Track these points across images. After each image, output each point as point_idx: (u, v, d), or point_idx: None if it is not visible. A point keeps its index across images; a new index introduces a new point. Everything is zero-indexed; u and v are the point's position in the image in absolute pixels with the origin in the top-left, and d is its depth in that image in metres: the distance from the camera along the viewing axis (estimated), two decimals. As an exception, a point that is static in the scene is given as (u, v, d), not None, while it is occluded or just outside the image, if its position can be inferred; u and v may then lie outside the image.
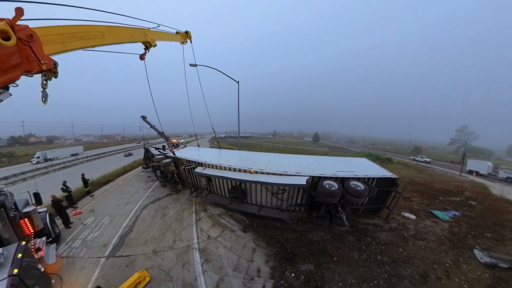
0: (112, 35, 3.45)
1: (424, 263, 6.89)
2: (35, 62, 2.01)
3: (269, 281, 6.07)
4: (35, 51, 2.02)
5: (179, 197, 12.61)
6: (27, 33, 1.91)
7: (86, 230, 8.86)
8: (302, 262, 6.88)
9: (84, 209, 11.19)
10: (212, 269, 6.49)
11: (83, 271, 6.36)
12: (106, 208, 11.23)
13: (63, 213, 9.16)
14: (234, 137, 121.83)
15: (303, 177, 8.69)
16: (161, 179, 14.72)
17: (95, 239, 8.15)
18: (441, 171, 28.09)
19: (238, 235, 8.42)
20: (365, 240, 8.08)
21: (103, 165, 29.68)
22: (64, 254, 7.19)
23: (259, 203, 10.39)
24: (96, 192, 13.99)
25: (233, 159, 11.87)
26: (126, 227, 9.10)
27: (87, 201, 12.47)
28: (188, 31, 8.17)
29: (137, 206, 11.44)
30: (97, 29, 3.10)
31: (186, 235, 8.46)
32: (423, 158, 40.53)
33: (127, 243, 7.93)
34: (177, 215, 10.22)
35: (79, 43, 2.68)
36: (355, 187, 8.00)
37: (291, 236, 8.23)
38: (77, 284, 5.88)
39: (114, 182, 16.93)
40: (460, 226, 9.36)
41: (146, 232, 8.70)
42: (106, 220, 9.82)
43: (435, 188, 15.49)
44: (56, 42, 2.32)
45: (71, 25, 2.69)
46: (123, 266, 6.55)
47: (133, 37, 4.22)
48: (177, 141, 29.00)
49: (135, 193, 13.80)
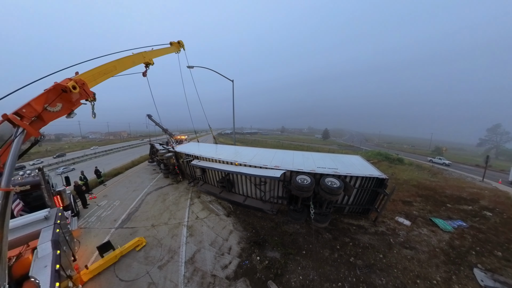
0: (121, 66, 5.40)
1: (406, 275, 6.49)
2: (85, 95, 3.98)
3: (236, 259, 7.29)
4: (86, 90, 3.93)
5: (179, 186, 15.02)
6: (81, 82, 3.79)
7: (100, 210, 11.21)
8: (271, 249, 7.80)
9: (99, 194, 13.73)
10: (193, 241, 8.33)
11: (97, 237, 8.53)
12: (117, 194, 13.74)
13: (82, 196, 11.62)
14: (240, 133, 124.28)
15: (280, 171, 9.65)
16: (164, 171, 17.44)
17: (107, 216, 10.47)
18: (460, 176, 25.11)
19: (221, 219, 10.23)
20: (342, 239, 8.22)
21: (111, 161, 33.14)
22: (82, 226, 9.49)
23: (245, 194, 12.22)
24: (108, 182, 16.74)
25: (225, 153, 13.83)
26: (133, 208, 11.43)
27: (100, 188, 15.17)
28: (180, 41, 9.70)
29: (142, 192, 13.96)
30: (111, 64, 5.04)
31: (179, 215, 10.58)
32: (441, 160, 37.87)
33: (133, 219, 10.20)
34: (175, 200, 12.52)
35: (103, 77, 4.60)
36: (330, 184, 8.30)
37: (268, 225, 9.42)
38: (91, 246, 7.88)
39: (123, 174, 19.84)
40: (463, 239, 8.56)
41: (148, 211, 10.96)
42: (117, 203, 12.19)
43: (445, 193, 14.58)
44: (91, 80, 4.20)
45: (97, 67, 4.61)
46: (127, 235, 8.76)
47: (135, 62, 6.17)
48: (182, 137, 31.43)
49: (142, 182, 16.42)
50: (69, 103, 3.64)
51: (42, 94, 3.28)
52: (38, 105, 3.17)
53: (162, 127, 25.18)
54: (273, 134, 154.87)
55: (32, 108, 3.09)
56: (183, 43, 10.03)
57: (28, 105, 3.06)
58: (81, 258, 7.20)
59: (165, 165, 17.35)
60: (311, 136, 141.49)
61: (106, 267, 6.80)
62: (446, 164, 36.19)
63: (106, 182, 16.59)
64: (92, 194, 13.46)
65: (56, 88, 3.45)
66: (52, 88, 3.39)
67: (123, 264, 7.01)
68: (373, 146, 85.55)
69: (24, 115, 3.02)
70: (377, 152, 41.28)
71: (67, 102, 3.62)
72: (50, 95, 3.39)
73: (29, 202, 7.51)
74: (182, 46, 10.02)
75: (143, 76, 7.63)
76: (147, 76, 7.64)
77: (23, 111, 3.01)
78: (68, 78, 3.72)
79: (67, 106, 3.63)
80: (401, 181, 18.55)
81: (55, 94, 3.44)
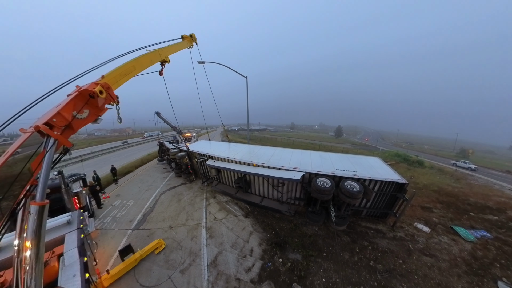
0: (140, 65, 5.34)
1: (426, 282, 6.58)
2: (110, 99, 3.92)
3: (258, 261, 7.44)
4: (111, 94, 3.86)
5: (192, 186, 15.31)
6: (106, 86, 3.75)
7: (115, 210, 11.50)
8: (292, 250, 7.97)
9: (111, 194, 14.06)
10: (214, 243, 8.52)
11: (114, 239, 8.81)
12: (129, 193, 14.03)
13: (97, 196, 11.89)
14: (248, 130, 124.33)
15: (299, 173, 9.89)
16: (176, 170, 17.80)
17: (122, 217, 10.73)
18: (486, 182, 24.15)
19: (239, 220, 10.39)
20: (360, 243, 8.37)
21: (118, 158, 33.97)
22: (98, 227, 9.79)
23: (261, 194, 12.31)
24: (119, 181, 17.15)
25: (240, 153, 13.92)
26: (147, 208, 11.68)
27: (113, 187, 15.53)
28: (192, 34, 9.29)
29: (156, 192, 14.22)
30: (130, 64, 4.99)
31: (196, 215, 10.79)
32: (466, 164, 35.69)
33: (149, 220, 10.38)
34: (190, 200, 12.77)
35: (124, 79, 4.55)
36: (350, 188, 8.44)
37: (286, 226, 9.59)
38: (109, 248, 8.14)
39: (134, 172, 20.23)
40: (487, 250, 8.46)
41: (164, 212, 11.18)
42: (131, 202, 12.48)
43: (469, 201, 14.35)
44: (114, 83, 4.16)
45: (117, 68, 4.59)
46: (145, 236, 8.97)
47: (152, 61, 6.11)
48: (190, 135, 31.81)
49: (154, 181, 16.76)
50: (96, 108, 3.60)
51: (70, 101, 3.23)
52: (67, 113, 3.12)
53: (171, 124, 25.47)
54: (282, 131, 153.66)
55: (62, 117, 3.05)
56: (195, 37, 9.75)
57: (58, 114, 3.02)
58: (100, 261, 7.38)
59: (177, 164, 17.65)
60: (323, 134, 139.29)
61: (127, 271, 6.96)
62: (471, 169, 34.38)
63: (118, 181, 17.05)
64: (105, 194, 13.85)
65: (83, 94, 3.40)
66: (78, 94, 3.36)
67: (143, 268, 7.16)
68: (390, 145, 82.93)
69: (54, 125, 2.98)
70: (395, 152, 39.81)
71: (94, 108, 3.58)
72: (78, 102, 3.35)
73: (49, 205, 7.76)
74: (194, 40, 9.78)
75: (160, 75, 7.57)
76: (163, 75, 7.58)
77: (53, 121, 2.97)
78: (94, 82, 3.67)
79: (94, 112, 3.59)
80: (420, 185, 18.03)
81: (83, 101, 3.40)
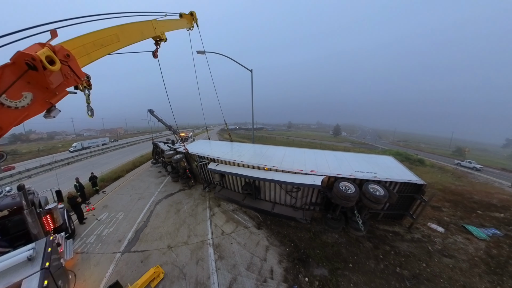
0: (126, 37, 3.82)
1: (452, 285, 6.57)
2: (73, 79, 2.40)
3: (282, 285, 6.38)
4: (73, 69, 2.33)
5: (192, 192, 13.66)
6: (64, 53, 2.19)
7: (100, 226, 9.81)
8: (316, 265, 7.18)
9: (97, 205, 12.28)
10: (225, 267, 7.06)
11: (98, 267, 7.09)
12: (119, 204, 12.29)
13: (78, 209, 10.18)
14: (245, 129, 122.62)
15: (318, 177, 8.89)
16: (173, 175, 16.00)
17: (110, 235, 9.04)
18: (486, 180, 25.78)
19: (252, 232, 9.06)
20: (383, 248, 8.11)
21: (109, 159, 31.81)
22: (79, 250, 8.00)
23: (272, 200, 10.91)
24: (107, 188, 15.28)
25: (246, 154, 12.41)
26: (140, 222, 10.03)
27: (99, 197, 13.67)
28: (192, 12, 7.97)
29: (150, 201, 12.52)
30: (111, 31, 3.46)
31: (200, 230, 9.26)
32: (471, 164, 35.24)
33: (142, 238, 8.76)
34: (191, 210, 11.17)
35: (101, 52, 3.02)
36: (373, 192, 8.00)
37: (305, 236, 8.67)
38: (91, 281, 6.46)
39: (124, 177, 18.33)
40: (500, 248, 8.63)
41: (160, 227, 9.58)
42: (120, 215, 10.82)
43: (474, 199, 14.63)
44: (83, 55, 2.64)
45: (89, 33, 3.05)
46: (137, 262, 7.33)
47: (144, 34, 4.59)
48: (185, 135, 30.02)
49: (147, 188, 15.02)
50: (44, 90, 2.08)
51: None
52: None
53: (165, 123, 23.81)
54: (280, 130, 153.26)
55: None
56: (196, 16, 8.26)
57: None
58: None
59: (173, 167, 15.91)
60: (321, 132, 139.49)
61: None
62: (476, 169, 34.28)
63: (105, 188, 15.23)
64: (90, 205, 12.07)
65: (17, 61, 1.89)
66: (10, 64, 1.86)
67: (135, 310, 5.60)
68: (388, 144, 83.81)
69: None
70: (395, 151, 40.52)
71: (40, 90, 2.05)
72: (6, 76, 1.84)
73: (8, 231, 6.09)
74: (195, 20, 8.29)
75: (154, 57, 6.08)
76: (158, 57, 6.08)
77: None
78: (39, 43, 2.13)
79: (41, 96, 2.07)
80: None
81: (16, 73, 1.88)
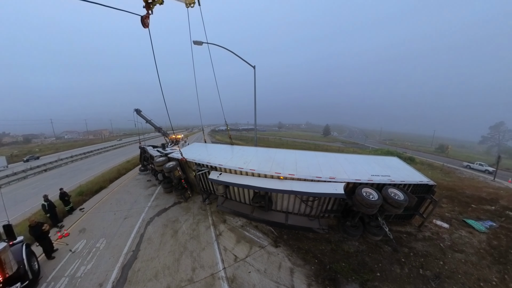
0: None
1: (469, 279, 6.80)
2: None
3: None
4: None
5: (190, 206, 11.84)
6: None
7: (75, 261, 7.66)
8: (346, 281, 6.68)
9: (73, 228, 10.07)
10: None
11: None
12: (100, 226, 10.11)
13: (45, 240, 7.84)
14: (236, 130, 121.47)
15: (339, 184, 8.47)
16: (165, 185, 14.01)
17: (87, 275, 6.92)
18: (471, 175, 27.88)
19: (269, 252, 7.94)
20: (402, 250, 8.09)
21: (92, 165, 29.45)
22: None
23: (285, 210, 10.23)
24: (87, 204, 13.02)
25: (253, 160, 11.34)
26: (128, 253, 7.97)
27: (75, 217, 11.27)
28: None
29: (139, 220, 10.48)
30: None
31: (207, 258, 7.62)
32: (483, 166, 33.32)
33: (131, 278, 6.76)
34: (192, 230, 9.46)
35: None
36: (394, 196, 7.88)
37: (326, 248, 8.13)
38: None
39: (108, 189, 16.03)
40: (499, 239, 9.20)
41: (155, 258, 7.65)
42: (102, 243, 8.69)
43: (466, 194, 15.44)
44: None
45: None
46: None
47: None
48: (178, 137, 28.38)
49: (135, 202, 12.87)
50: None
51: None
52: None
53: (154, 125, 22.52)
54: (271, 130, 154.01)
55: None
56: None
57: None
58: None
59: (164, 176, 13.76)
60: (311, 132, 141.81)
61: None
62: (488, 172, 31.89)
63: (84, 204, 12.98)
64: (62, 230, 9.81)
65: None
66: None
67: None
68: (376, 143, 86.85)
69: None
70: (386, 150, 42.18)
71: None
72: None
73: None
74: None
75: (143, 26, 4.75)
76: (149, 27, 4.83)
77: None
78: None
79: None
80: (418, 181, 19.16)
81: None
